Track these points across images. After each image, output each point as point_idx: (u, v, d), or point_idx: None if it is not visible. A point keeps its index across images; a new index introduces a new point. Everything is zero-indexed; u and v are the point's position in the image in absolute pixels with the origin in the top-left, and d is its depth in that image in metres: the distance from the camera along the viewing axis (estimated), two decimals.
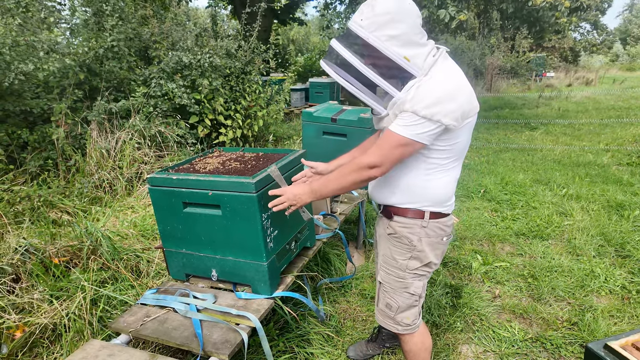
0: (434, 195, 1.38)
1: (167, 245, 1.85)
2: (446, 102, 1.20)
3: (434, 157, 1.33)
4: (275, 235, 1.70)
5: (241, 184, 1.55)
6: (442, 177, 1.37)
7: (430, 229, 1.42)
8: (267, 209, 1.62)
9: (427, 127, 1.22)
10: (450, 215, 1.48)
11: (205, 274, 1.82)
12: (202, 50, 4.76)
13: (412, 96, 1.23)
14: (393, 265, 1.50)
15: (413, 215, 1.41)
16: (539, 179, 4.85)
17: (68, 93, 4.03)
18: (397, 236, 1.45)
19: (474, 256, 2.99)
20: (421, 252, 1.44)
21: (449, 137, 1.29)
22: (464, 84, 1.28)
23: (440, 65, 1.27)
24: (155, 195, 1.76)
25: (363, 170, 1.31)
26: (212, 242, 1.72)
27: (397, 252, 1.48)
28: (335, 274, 2.72)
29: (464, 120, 1.27)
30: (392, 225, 1.46)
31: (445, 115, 1.20)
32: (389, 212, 1.47)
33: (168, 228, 1.80)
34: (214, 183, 1.60)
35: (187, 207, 1.71)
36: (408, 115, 1.23)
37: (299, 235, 1.94)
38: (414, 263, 1.46)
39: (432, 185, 1.37)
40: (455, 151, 1.34)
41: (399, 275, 1.49)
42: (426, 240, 1.43)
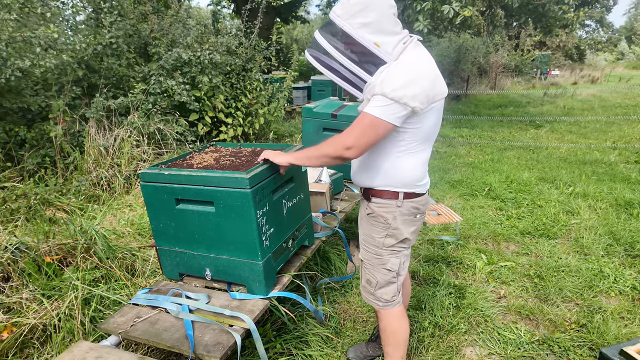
0: (405, 177, 1.46)
1: (160, 244, 1.79)
2: (411, 85, 1.27)
3: (403, 139, 1.41)
4: (272, 233, 1.63)
5: (235, 179, 1.48)
6: (410, 159, 1.45)
7: (404, 208, 1.50)
8: (263, 206, 1.55)
9: (395, 109, 1.29)
10: (425, 194, 1.55)
11: (199, 273, 1.76)
12: (202, 47, 4.70)
13: (381, 79, 1.30)
14: (371, 243, 1.58)
15: (389, 196, 1.50)
16: (545, 177, 4.76)
17: (66, 90, 3.99)
18: (374, 215, 1.53)
19: (478, 255, 2.91)
20: (396, 229, 1.52)
21: (416, 120, 1.36)
22: (428, 69, 1.35)
23: (409, 52, 1.35)
24: (148, 192, 1.70)
25: (339, 147, 1.37)
26: (206, 240, 1.66)
27: (374, 231, 1.56)
28: (335, 273, 2.65)
29: (429, 103, 1.33)
30: (371, 206, 1.54)
31: (411, 98, 1.27)
32: (368, 194, 1.55)
33: (161, 226, 1.74)
34: (207, 179, 1.54)
35: (180, 204, 1.65)
36: (379, 98, 1.30)
37: (297, 233, 1.88)
38: (389, 240, 1.54)
39: (403, 167, 1.45)
40: (422, 134, 1.41)
41: (377, 252, 1.57)
42: (400, 219, 1.51)
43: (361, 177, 1.56)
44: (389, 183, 1.48)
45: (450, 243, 3.10)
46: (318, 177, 2.49)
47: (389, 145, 1.43)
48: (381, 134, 1.33)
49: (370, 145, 1.36)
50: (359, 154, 1.37)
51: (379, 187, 1.51)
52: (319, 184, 2.41)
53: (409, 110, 1.30)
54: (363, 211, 1.63)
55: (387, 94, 1.27)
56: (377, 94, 1.29)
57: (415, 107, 1.29)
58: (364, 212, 1.62)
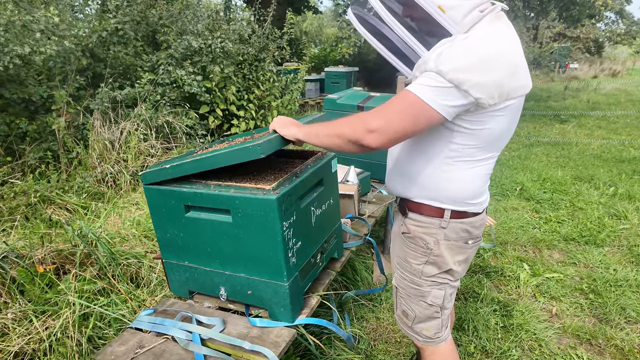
0: (456, 191, 1.14)
1: (167, 257, 1.53)
2: (481, 69, 0.94)
3: (458, 142, 1.08)
4: (299, 247, 1.35)
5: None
6: (466, 168, 1.12)
7: (450, 231, 1.18)
8: (289, 215, 1.28)
9: (450, 95, 0.96)
10: (480, 214, 1.22)
11: (213, 292, 1.49)
12: (213, 35, 4.42)
13: (439, 52, 0.96)
14: (407, 269, 1.29)
15: (430, 212, 1.18)
16: (580, 175, 4.40)
17: (70, 80, 3.75)
18: (411, 236, 1.24)
19: (520, 265, 2.61)
20: (438, 256, 1.21)
21: (478, 118, 1.03)
22: (510, 51, 1.00)
23: (486, 25, 1.00)
24: (152, 196, 1.43)
25: (359, 128, 1.02)
26: (221, 255, 1.39)
27: (411, 255, 1.26)
28: (361, 284, 2.37)
29: (502, 99, 0.99)
30: (407, 223, 1.25)
31: (476, 86, 0.94)
32: (404, 206, 1.26)
33: (167, 236, 1.47)
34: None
35: (190, 211, 1.38)
36: (431, 76, 0.96)
37: (326, 245, 1.60)
38: (430, 269, 1.23)
39: (454, 178, 1.13)
40: (486, 138, 1.07)
41: (414, 281, 1.28)
42: (445, 244, 1.20)
43: (394, 181, 1.27)
44: (430, 196, 1.17)
45: (487, 250, 2.80)
46: (344, 177, 2.20)
47: (434, 146, 1.11)
48: (422, 124, 0.99)
49: (402, 136, 1.01)
50: (384, 145, 1.01)
51: (416, 199, 1.20)
52: (346, 185, 2.12)
53: (469, 102, 0.97)
54: (397, 227, 1.34)
55: (443, 73, 0.93)
56: (431, 70, 0.96)
57: (480, 100, 0.96)
58: (398, 228, 1.33)
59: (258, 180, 1.36)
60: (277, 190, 1.23)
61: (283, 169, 1.48)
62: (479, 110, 1.00)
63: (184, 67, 4.19)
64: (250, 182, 1.34)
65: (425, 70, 0.98)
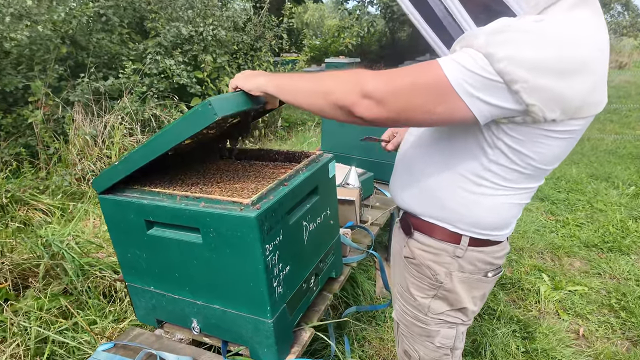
0: (482, 218, 0.89)
1: (130, 279, 1.27)
2: (552, 71, 0.66)
3: (495, 160, 0.82)
4: (287, 273, 1.10)
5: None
6: (501, 195, 0.86)
7: (466, 261, 0.94)
8: (274, 236, 1.02)
9: (493, 91, 0.69)
10: (503, 242, 0.97)
11: (184, 324, 1.24)
12: (205, 22, 4.13)
13: (496, 29, 0.69)
14: (409, 302, 1.05)
15: (442, 236, 0.94)
16: (596, 173, 4.13)
17: (49, 69, 3.47)
18: (416, 263, 1.00)
19: (539, 276, 2.35)
20: (450, 292, 0.97)
21: (530, 136, 0.76)
22: (597, 54, 0.70)
23: (568, 11, 0.71)
24: (107, 208, 1.17)
25: (352, 88, 0.74)
26: (191, 282, 1.13)
27: (414, 286, 1.02)
28: (363, 298, 2.12)
29: (567, 116, 0.72)
30: (411, 245, 1.01)
31: (534, 90, 0.67)
32: (409, 222, 1.02)
33: (128, 256, 1.22)
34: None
35: (153, 228, 1.12)
36: (474, 55, 0.68)
37: (321, 264, 1.34)
38: (439, 305, 1.00)
39: (483, 203, 0.87)
40: (533, 164, 0.81)
41: (418, 318, 1.04)
42: (459, 277, 0.96)
43: (402, 191, 1.02)
44: (446, 217, 0.92)
45: None
46: (344, 179, 1.94)
47: (462, 157, 0.86)
48: (439, 114, 0.72)
49: (406, 119, 0.74)
50: (379, 120, 0.74)
51: (427, 219, 0.96)
52: (346, 189, 1.86)
53: (517, 109, 0.70)
54: (398, 246, 1.10)
55: (494, 58, 0.66)
56: (477, 48, 0.68)
57: (532, 109, 0.69)
58: (399, 247, 1.09)
59: (236, 191, 1.09)
60: (257, 204, 0.97)
61: (268, 175, 1.22)
62: (529, 124, 0.73)
63: (173, 57, 3.91)
64: (226, 193, 1.08)
65: (468, 45, 0.70)
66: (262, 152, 1.40)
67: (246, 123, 1.24)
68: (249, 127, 1.25)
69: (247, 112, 1.18)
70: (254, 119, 1.33)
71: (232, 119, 1.17)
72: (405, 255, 1.04)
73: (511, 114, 0.72)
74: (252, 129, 1.25)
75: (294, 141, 5.25)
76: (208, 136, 1.22)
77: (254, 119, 1.34)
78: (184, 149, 1.28)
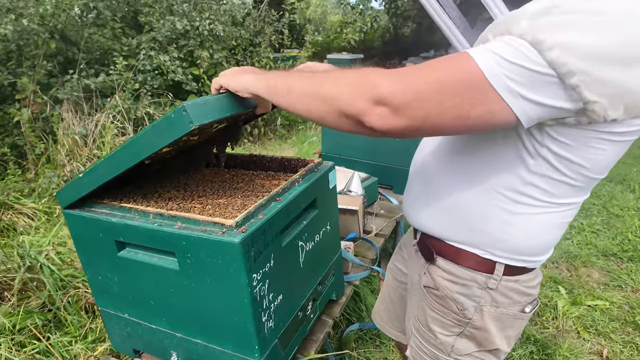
0: (520, 242, 0.76)
1: (102, 304, 1.12)
2: (617, 59, 0.53)
3: (539, 172, 0.68)
4: (279, 304, 0.94)
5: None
6: (544, 212, 0.73)
7: (500, 293, 0.80)
8: (264, 262, 0.86)
9: (544, 88, 0.55)
10: (537, 269, 0.84)
11: (163, 356, 1.08)
12: (201, 16, 3.96)
13: (536, 10, 0.56)
14: (428, 339, 0.91)
15: (472, 264, 0.81)
16: (609, 175, 3.92)
17: (38, 66, 3.32)
18: (439, 295, 0.86)
19: (555, 289, 2.19)
20: (480, 330, 0.83)
21: (583, 140, 0.62)
22: None
23: None
24: (74, 225, 1.02)
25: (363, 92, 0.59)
26: (169, 312, 0.98)
27: (436, 321, 0.88)
28: (366, 313, 1.96)
29: (630, 115, 0.58)
30: (433, 273, 0.87)
31: (597, 84, 0.54)
32: (430, 247, 0.87)
33: (100, 278, 1.06)
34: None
35: (125, 250, 0.97)
36: (517, 44, 0.55)
37: (320, 287, 1.18)
38: (465, 345, 0.86)
39: (522, 224, 0.74)
40: (585, 173, 0.67)
41: (437, 358, 0.90)
42: (491, 312, 0.81)
43: (421, 211, 0.87)
44: (478, 242, 0.79)
45: None
46: (346, 186, 1.78)
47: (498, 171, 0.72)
48: (474, 119, 0.58)
49: (431, 128, 0.60)
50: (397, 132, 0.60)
51: (454, 243, 0.82)
52: (348, 197, 1.70)
53: (573, 108, 0.57)
54: (415, 274, 0.96)
55: (544, 46, 0.53)
56: (520, 35, 0.55)
57: (593, 107, 0.56)
58: (416, 276, 0.95)
59: (220, 208, 0.94)
60: (242, 226, 0.81)
61: (259, 188, 1.06)
62: (584, 125, 0.60)
63: (168, 52, 3.74)
64: (208, 211, 0.92)
65: (506, 32, 0.57)
66: (254, 159, 1.24)
67: (235, 128, 1.08)
68: (239, 133, 1.09)
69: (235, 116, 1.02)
70: (245, 122, 1.17)
71: (218, 124, 1.01)
72: (426, 284, 0.89)
73: (562, 115, 0.59)
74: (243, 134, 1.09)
75: (294, 140, 5.09)
76: (190, 143, 1.06)
77: (245, 123, 1.18)
78: (164, 156, 1.12)
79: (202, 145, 1.17)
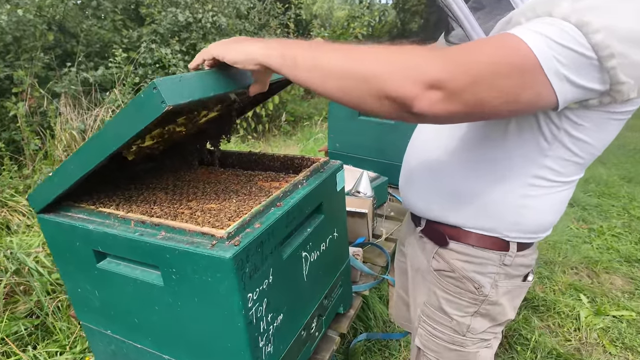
0: (533, 222, 0.80)
1: (84, 318, 1.01)
2: None
3: (556, 155, 0.71)
4: (279, 325, 0.82)
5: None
6: (556, 192, 0.77)
7: (513, 268, 0.85)
8: (261, 279, 0.74)
9: (584, 71, 0.55)
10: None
11: None
12: (204, 8, 3.84)
13: None
14: (443, 322, 0.92)
15: (485, 244, 0.84)
16: (629, 175, 3.79)
17: (35, 58, 3.22)
18: (455, 276, 0.88)
19: (577, 297, 2.05)
20: (495, 305, 0.88)
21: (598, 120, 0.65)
22: None
23: None
24: (49, 231, 0.91)
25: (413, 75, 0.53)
26: (154, 331, 0.86)
27: (450, 304, 0.90)
28: (374, 322, 1.84)
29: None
30: (446, 256, 0.89)
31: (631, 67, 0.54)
32: (442, 233, 0.88)
33: (79, 291, 0.95)
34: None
35: (105, 260, 0.85)
36: (562, 26, 0.54)
37: (326, 301, 1.06)
38: (480, 323, 0.89)
39: (537, 206, 0.78)
40: (592, 151, 0.72)
41: (453, 340, 0.92)
42: (505, 285, 0.86)
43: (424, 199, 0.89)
44: (492, 226, 0.81)
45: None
46: (354, 186, 1.65)
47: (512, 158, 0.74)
48: (522, 102, 0.56)
49: (481, 113, 0.56)
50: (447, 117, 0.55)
51: (470, 229, 0.84)
52: (356, 199, 1.57)
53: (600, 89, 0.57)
54: (422, 259, 0.95)
55: (589, 28, 0.52)
56: (564, 17, 0.54)
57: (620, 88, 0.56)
58: (424, 261, 0.94)
59: (211, 215, 0.81)
60: (236, 238, 0.69)
61: (257, 191, 0.94)
62: (605, 105, 0.62)
63: (169, 45, 3.63)
64: (197, 218, 0.80)
65: (545, 14, 0.57)
66: (254, 157, 1.12)
67: (229, 117, 0.95)
68: (233, 123, 0.97)
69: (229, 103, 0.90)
70: (241, 113, 1.05)
71: (207, 111, 0.88)
72: (437, 268, 0.90)
73: (590, 96, 0.60)
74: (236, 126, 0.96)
75: (299, 137, 4.97)
76: (178, 135, 0.94)
77: (241, 114, 1.06)
78: (152, 152, 1.01)
79: (193, 139, 1.05)
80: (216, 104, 0.87)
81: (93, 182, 0.97)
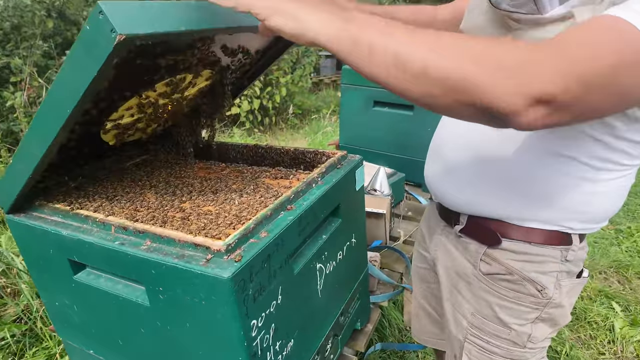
0: (600, 209, 0.72)
1: (64, 335, 0.88)
2: None
3: (628, 138, 0.63)
4: (289, 353, 0.68)
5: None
6: (622, 177, 0.70)
7: (574, 264, 0.76)
8: (268, 300, 0.60)
9: None
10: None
11: None
12: None
13: None
14: (498, 334, 0.81)
15: (545, 239, 0.74)
16: None
17: (34, 46, 3.10)
18: (513, 279, 0.77)
19: (609, 305, 1.89)
20: (558, 307, 0.78)
21: None
22: None
23: None
24: (20, 236, 0.78)
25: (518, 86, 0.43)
26: (141, 355, 0.73)
27: (507, 311, 0.79)
28: (389, 330, 1.70)
29: None
30: (497, 257, 0.78)
31: None
32: (493, 231, 0.77)
33: (57, 304, 0.82)
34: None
35: (83, 272, 0.72)
36: None
37: (342, 318, 0.92)
38: (542, 329, 0.80)
39: (605, 192, 0.70)
40: None
41: (512, 354, 0.81)
42: (568, 284, 0.77)
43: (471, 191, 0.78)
44: (555, 218, 0.72)
45: None
46: (370, 184, 1.50)
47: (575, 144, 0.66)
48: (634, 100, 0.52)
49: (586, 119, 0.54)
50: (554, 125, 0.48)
51: (526, 222, 0.74)
52: (372, 197, 1.42)
53: None
54: (466, 263, 0.83)
55: None
56: None
57: None
58: (466, 265, 0.83)
59: (208, 220, 0.67)
60: (236, 251, 0.55)
61: (264, 190, 0.79)
62: None
63: None
64: (191, 223, 0.66)
65: None
66: (260, 151, 0.97)
67: (221, 91, 0.81)
68: (225, 99, 0.82)
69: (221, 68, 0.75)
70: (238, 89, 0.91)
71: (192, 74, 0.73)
72: (489, 272, 0.79)
73: None
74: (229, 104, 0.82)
75: (307, 130, 4.82)
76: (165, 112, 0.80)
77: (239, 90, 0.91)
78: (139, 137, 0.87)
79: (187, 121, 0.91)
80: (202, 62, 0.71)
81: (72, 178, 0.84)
